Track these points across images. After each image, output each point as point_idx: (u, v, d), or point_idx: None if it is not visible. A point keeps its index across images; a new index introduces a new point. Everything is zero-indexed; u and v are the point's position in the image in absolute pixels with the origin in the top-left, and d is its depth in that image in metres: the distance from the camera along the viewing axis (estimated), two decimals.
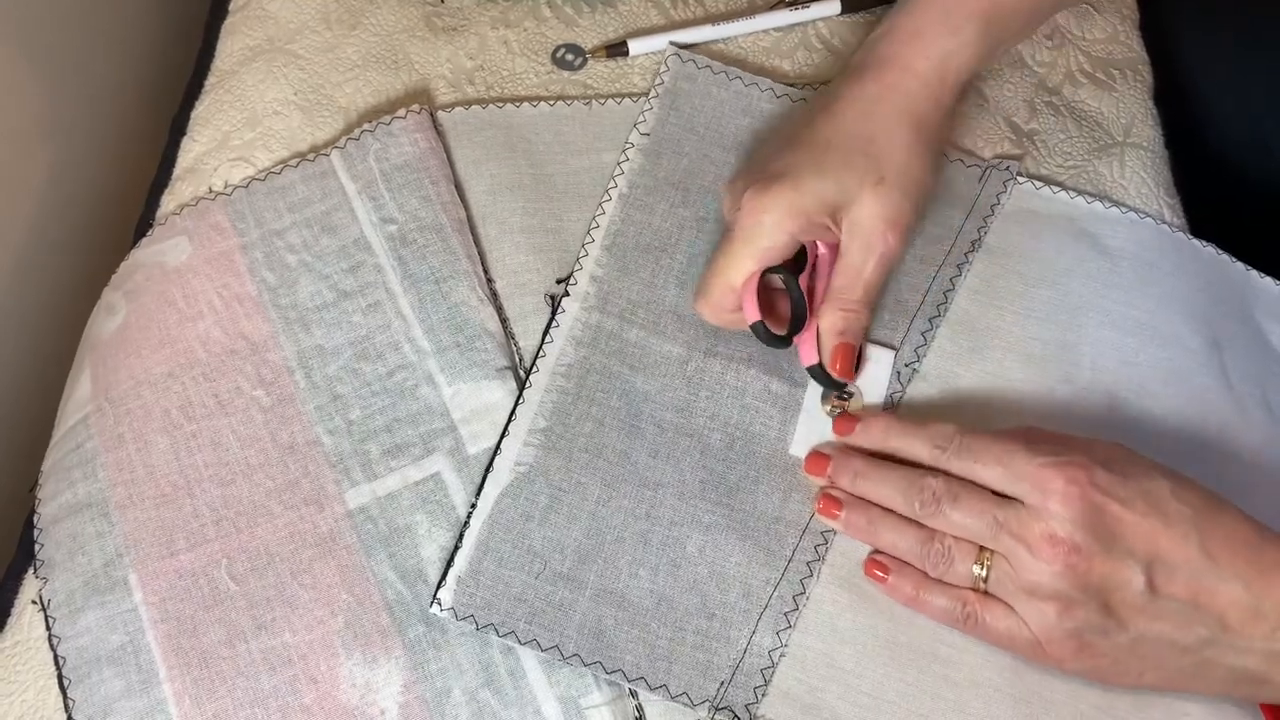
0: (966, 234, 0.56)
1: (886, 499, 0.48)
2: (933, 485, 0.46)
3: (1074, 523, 0.43)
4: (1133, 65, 0.64)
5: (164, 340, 0.54)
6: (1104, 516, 0.43)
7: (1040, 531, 0.43)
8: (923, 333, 0.54)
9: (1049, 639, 0.44)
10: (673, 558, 0.49)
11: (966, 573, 0.45)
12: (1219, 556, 0.42)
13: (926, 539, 0.46)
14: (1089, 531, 0.42)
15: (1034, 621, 0.44)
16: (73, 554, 0.50)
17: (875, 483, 0.48)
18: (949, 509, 0.45)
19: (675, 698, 0.47)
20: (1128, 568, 0.42)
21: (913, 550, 0.47)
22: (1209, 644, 0.42)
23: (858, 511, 0.48)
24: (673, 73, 0.61)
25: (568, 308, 0.54)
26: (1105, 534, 0.43)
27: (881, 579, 0.48)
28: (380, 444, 0.52)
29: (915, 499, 0.46)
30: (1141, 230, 0.57)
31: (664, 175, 0.58)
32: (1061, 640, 0.43)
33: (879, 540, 0.48)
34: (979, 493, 0.45)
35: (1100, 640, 0.43)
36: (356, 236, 0.56)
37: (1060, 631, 0.43)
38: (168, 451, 0.52)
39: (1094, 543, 0.42)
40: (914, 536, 0.47)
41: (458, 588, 0.48)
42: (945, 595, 0.46)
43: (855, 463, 0.49)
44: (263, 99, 0.62)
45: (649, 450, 0.51)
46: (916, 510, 0.46)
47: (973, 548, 0.45)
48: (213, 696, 0.47)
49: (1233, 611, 0.42)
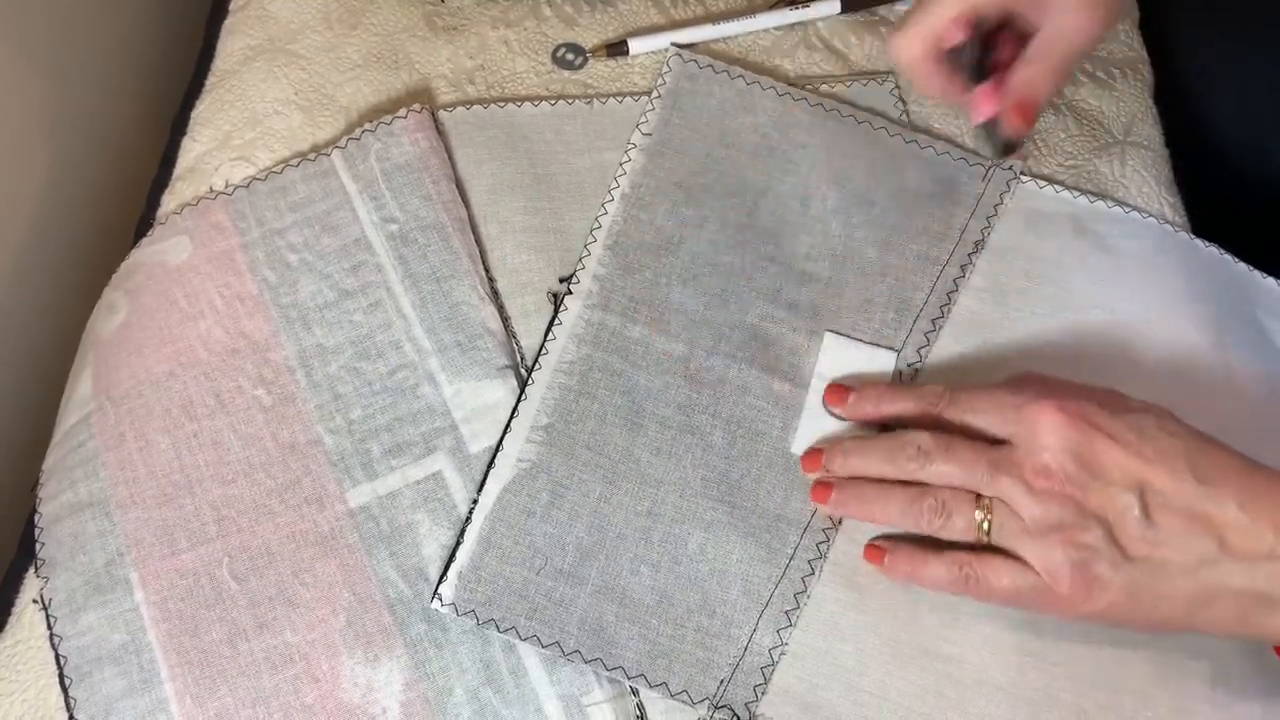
0: (970, 233, 0.56)
1: (876, 469, 0.47)
2: (917, 440, 0.46)
3: (1064, 452, 0.43)
4: (1133, 64, 0.64)
5: (165, 339, 0.54)
6: (1093, 447, 0.43)
7: (1033, 465, 0.43)
8: (925, 333, 0.54)
9: (1057, 578, 0.43)
10: (674, 555, 0.49)
11: (966, 524, 0.45)
12: (1211, 481, 0.42)
13: (917, 496, 0.46)
14: (1079, 462, 0.43)
15: (1040, 562, 0.43)
16: (74, 553, 0.50)
17: (863, 455, 0.48)
18: (940, 461, 0.45)
19: (675, 695, 0.47)
20: (1122, 495, 0.42)
21: (904, 511, 0.46)
22: (1210, 564, 0.42)
23: (847, 489, 0.48)
24: (674, 73, 0.61)
25: (570, 305, 0.54)
26: (1096, 465, 0.43)
27: (877, 559, 0.47)
28: (381, 443, 0.52)
29: (903, 459, 0.46)
30: (1143, 229, 0.57)
31: (666, 175, 0.58)
32: (1070, 577, 0.43)
33: (870, 511, 0.47)
34: (969, 441, 0.45)
35: (1108, 572, 0.42)
36: (358, 236, 0.56)
37: (1068, 566, 0.42)
38: (169, 451, 0.52)
39: (1085, 473, 0.43)
40: (906, 498, 0.46)
41: (459, 583, 0.48)
42: (942, 562, 0.45)
43: (844, 443, 0.49)
44: (263, 98, 0.62)
45: (651, 448, 0.51)
46: (905, 469, 0.46)
47: (969, 497, 0.45)
48: (214, 695, 0.47)
49: (1230, 531, 0.42)
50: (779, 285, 0.55)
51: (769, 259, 0.56)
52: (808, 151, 0.59)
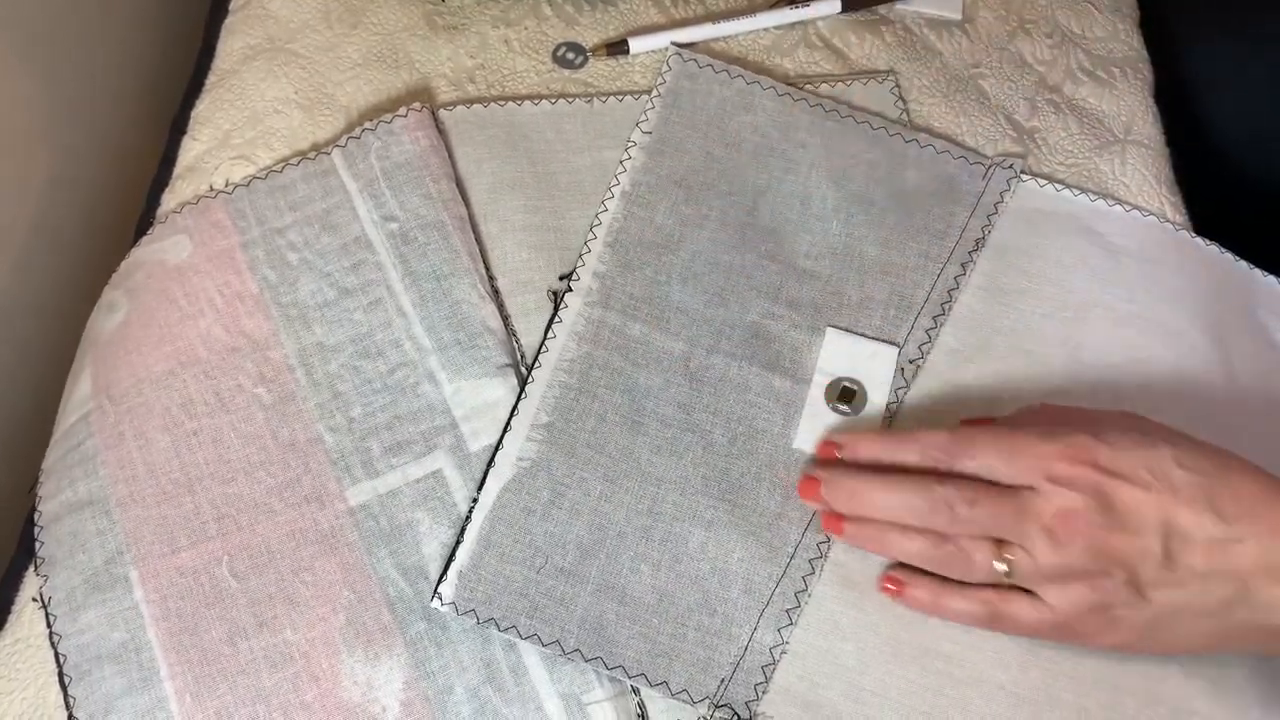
0: (971, 232, 0.56)
1: (892, 514, 0.46)
2: (944, 496, 0.45)
3: (1083, 499, 0.42)
4: (1133, 63, 0.64)
5: (165, 338, 0.54)
6: (1112, 495, 0.43)
7: (1055, 514, 0.43)
8: (927, 330, 0.54)
9: (1078, 618, 0.43)
10: (674, 554, 0.49)
11: (986, 570, 0.44)
12: (1231, 517, 0.42)
13: (938, 543, 0.45)
14: (1102, 509, 0.42)
15: (1061, 604, 0.43)
16: (73, 551, 0.50)
17: (878, 500, 0.46)
18: (965, 514, 0.44)
19: (676, 694, 0.46)
20: (1143, 540, 0.42)
21: (926, 556, 0.46)
22: (1234, 605, 0.42)
23: (865, 528, 0.47)
24: (674, 72, 0.61)
25: (570, 303, 0.54)
26: (1116, 511, 0.42)
27: (896, 592, 0.47)
28: (381, 441, 0.52)
29: (928, 513, 0.45)
30: (1144, 228, 0.57)
31: (666, 173, 0.58)
32: (1089, 617, 0.43)
33: (889, 550, 0.47)
34: (991, 489, 0.45)
35: (1127, 613, 0.43)
36: (358, 234, 0.56)
37: (1088, 609, 0.43)
38: (168, 449, 0.52)
39: (1107, 519, 0.42)
40: (926, 542, 0.45)
41: (459, 582, 0.48)
42: (965, 598, 0.45)
43: (847, 483, 0.47)
44: (263, 97, 0.62)
45: (651, 446, 0.51)
46: (931, 525, 0.45)
47: (988, 543, 0.45)
48: (214, 694, 0.47)
49: (1252, 571, 0.41)
50: (779, 283, 0.55)
51: (769, 257, 0.56)
52: (808, 150, 0.59)
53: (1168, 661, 0.47)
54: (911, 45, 0.64)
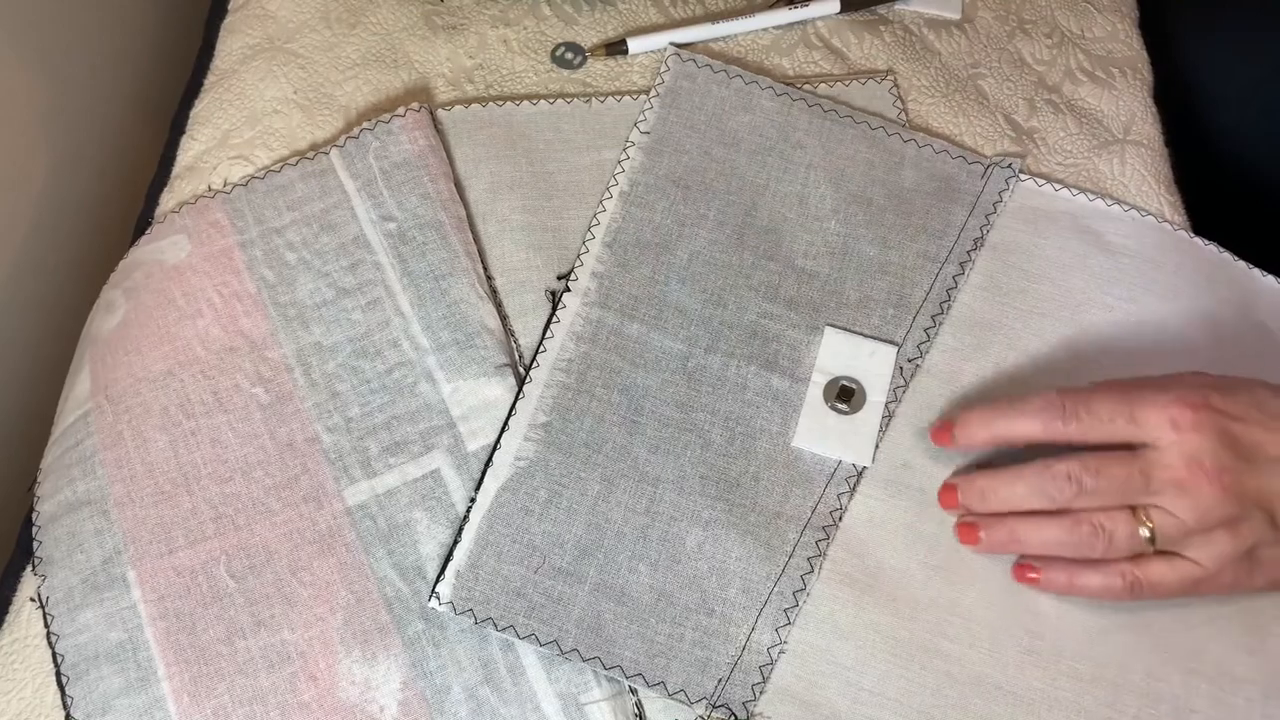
0: (970, 231, 0.56)
1: (1022, 503, 0.46)
2: (1065, 469, 0.45)
3: (1215, 446, 0.42)
4: (1132, 63, 0.64)
5: (163, 338, 0.54)
6: (1235, 436, 0.43)
7: (1186, 465, 0.43)
8: (925, 329, 0.54)
9: (1222, 567, 0.43)
10: (672, 553, 0.49)
11: (1130, 540, 0.44)
12: None
13: (1074, 526, 0.45)
14: (1230, 450, 0.42)
15: (1207, 558, 0.43)
16: (71, 551, 0.49)
17: (1005, 493, 0.46)
18: (1092, 485, 0.44)
19: (673, 694, 0.46)
20: (1273, 476, 0.42)
21: (1065, 542, 0.45)
22: None
23: (996, 528, 0.47)
24: (673, 72, 0.61)
25: (568, 303, 0.54)
26: (1243, 450, 0.43)
27: (1034, 580, 0.47)
28: (379, 441, 0.51)
29: (1054, 491, 0.45)
30: (1143, 228, 0.57)
31: (665, 173, 0.58)
32: (1235, 565, 0.43)
33: (1028, 546, 0.47)
34: (1112, 455, 0.44)
35: (1270, 552, 0.43)
36: (356, 234, 0.56)
37: (1234, 555, 0.43)
38: (166, 449, 0.52)
39: (1237, 460, 0.42)
40: (1062, 528, 0.45)
41: (456, 582, 0.48)
42: (1101, 574, 0.45)
43: (979, 481, 0.47)
44: (262, 97, 0.62)
45: (649, 445, 0.51)
46: (1058, 500, 0.45)
47: (1125, 512, 0.44)
48: (211, 693, 0.47)
49: None
50: (778, 283, 0.55)
51: (768, 257, 0.56)
52: (806, 150, 0.59)
53: (1168, 661, 0.47)
54: (910, 45, 0.64)
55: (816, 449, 0.51)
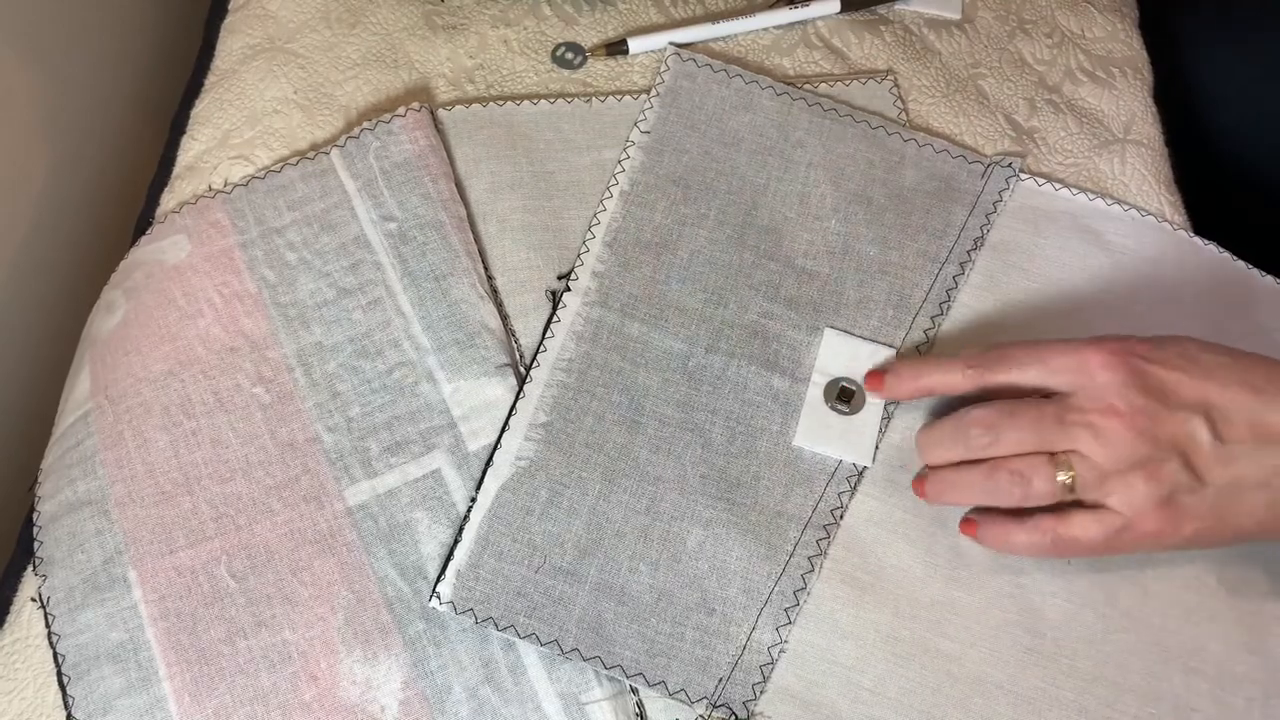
0: (970, 231, 0.56)
1: (950, 455, 0.47)
2: (979, 415, 0.45)
3: (1127, 387, 0.43)
4: (1132, 63, 0.64)
5: (164, 338, 0.54)
6: (1150, 378, 0.43)
7: (1099, 408, 0.43)
8: (925, 330, 0.54)
9: (1143, 514, 0.43)
10: (673, 553, 0.49)
11: (1048, 485, 0.44)
12: (1265, 390, 0.43)
13: (992, 472, 0.45)
14: (1143, 393, 0.43)
15: (1125, 505, 0.43)
16: (72, 551, 0.49)
17: (933, 444, 0.47)
18: (1008, 429, 0.44)
19: (673, 694, 0.46)
20: (1190, 422, 0.43)
21: (985, 489, 0.46)
22: None
23: (933, 480, 0.48)
24: (673, 72, 0.61)
25: (569, 303, 0.54)
26: (1158, 393, 0.43)
27: (971, 533, 0.48)
28: (380, 441, 0.52)
29: (970, 438, 0.45)
30: (1143, 228, 0.57)
31: (665, 172, 0.58)
32: (1156, 511, 0.43)
33: (957, 497, 0.47)
34: (1028, 401, 0.45)
35: (1189, 500, 0.43)
36: (356, 234, 0.56)
37: (1153, 501, 0.43)
38: (167, 449, 0.52)
39: (1151, 402, 0.43)
40: (980, 474, 0.46)
41: (457, 582, 0.48)
42: (1024, 529, 0.45)
43: (920, 436, 0.48)
44: (263, 97, 0.62)
45: (649, 445, 0.51)
46: (975, 447, 0.45)
47: (1043, 458, 0.44)
48: (212, 693, 0.47)
49: None
50: (778, 283, 0.55)
51: (768, 257, 0.56)
52: (806, 150, 0.59)
53: (1168, 660, 0.47)
54: (911, 45, 0.64)
55: (817, 449, 0.51)
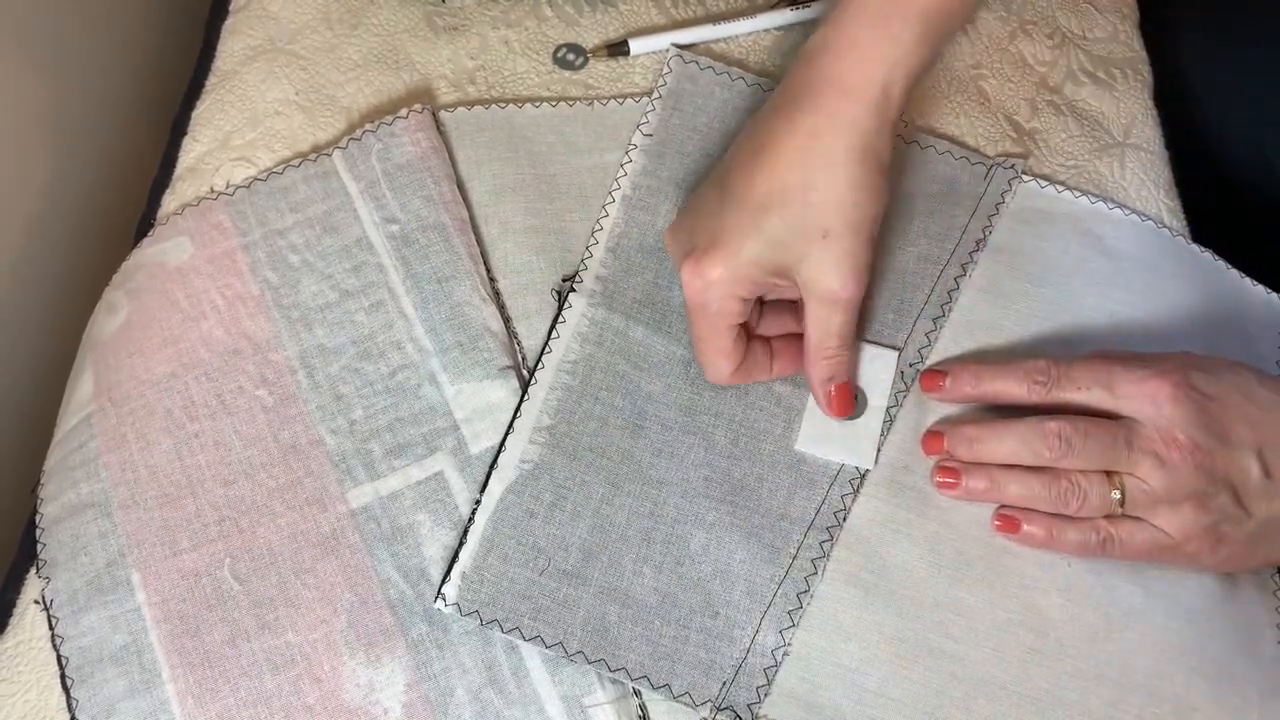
0: (971, 232, 0.56)
1: (1010, 455, 0.48)
2: (1057, 428, 0.47)
3: (1190, 423, 0.45)
4: (1133, 65, 0.64)
5: (166, 340, 0.54)
6: (1210, 415, 0.45)
7: (1163, 439, 0.45)
8: (926, 333, 0.54)
9: (1188, 538, 0.45)
10: (676, 556, 0.49)
11: (1102, 501, 0.46)
12: None
13: (1054, 481, 0.47)
14: (1204, 429, 0.45)
15: (1173, 527, 0.45)
16: (75, 554, 0.49)
17: (994, 442, 0.49)
18: (1080, 448, 0.46)
19: (678, 697, 0.46)
20: (1244, 458, 0.45)
21: (1043, 496, 0.47)
22: None
23: (977, 476, 0.49)
24: (675, 73, 0.61)
25: (575, 303, 0.54)
26: (1217, 430, 0.45)
27: (1013, 530, 0.48)
28: (383, 443, 0.52)
29: (1043, 447, 0.47)
30: (1143, 233, 0.57)
31: (667, 175, 0.58)
32: (1200, 537, 0.45)
33: (1006, 496, 0.48)
34: (1100, 421, 0.47)
35: (1232, 530, 0.45)
36: (359, 236, 0.56)
37: (1199, 528, 0.45)
38: (170, 451, 0.52)
39: (1210, 439, 0.45)
40: (1042, 483, 0.47)
41: (462, 584, 0.48)
42: (1077, 529, 0.47)
43: (967, 430, 0.49)
44: (264, 99, 0.62)
45: (653, 448, 0.51)
46: (1044, 457, 0.47)
47: (1101, 475, 0.47)
48: (216, 696, 0.47)
49: None
50: None
51: None
52: None
53: (1170, 660, 0.47)
54: None
55: (819, 453, 0.51)
